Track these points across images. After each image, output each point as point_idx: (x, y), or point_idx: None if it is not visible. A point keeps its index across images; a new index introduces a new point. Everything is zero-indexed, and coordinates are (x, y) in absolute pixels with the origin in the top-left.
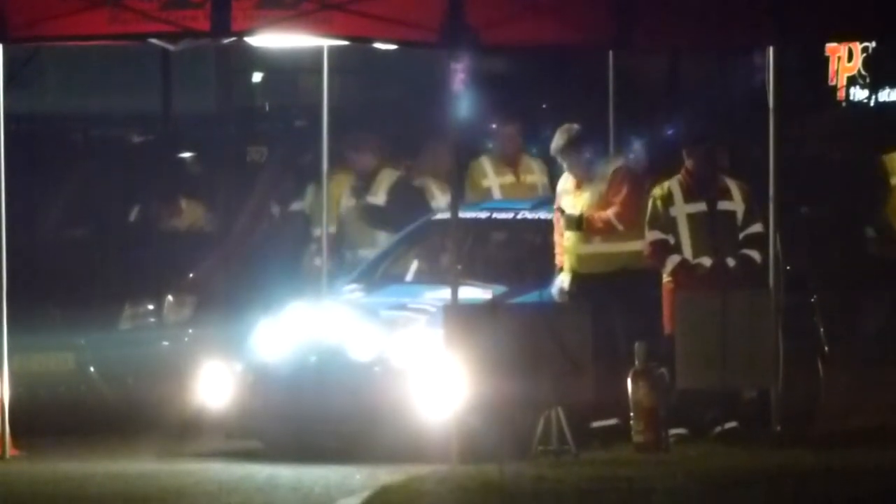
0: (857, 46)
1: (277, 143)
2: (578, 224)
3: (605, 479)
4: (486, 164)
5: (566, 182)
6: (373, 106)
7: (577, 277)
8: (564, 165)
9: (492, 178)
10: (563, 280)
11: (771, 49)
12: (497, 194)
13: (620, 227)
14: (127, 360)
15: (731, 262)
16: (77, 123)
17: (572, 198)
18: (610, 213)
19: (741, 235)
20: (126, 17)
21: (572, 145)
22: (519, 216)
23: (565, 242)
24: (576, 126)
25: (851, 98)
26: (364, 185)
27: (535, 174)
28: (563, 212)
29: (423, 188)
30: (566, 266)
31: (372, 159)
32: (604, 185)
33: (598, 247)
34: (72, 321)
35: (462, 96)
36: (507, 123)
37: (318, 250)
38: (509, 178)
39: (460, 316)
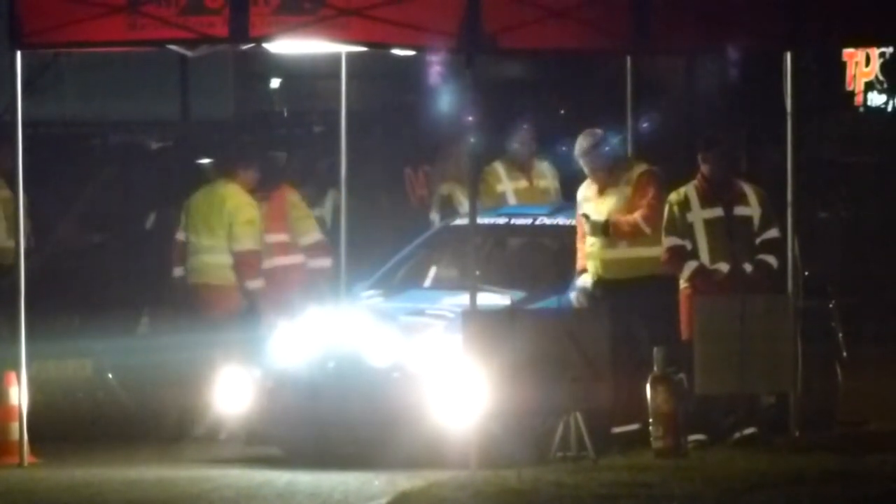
0: (875, 52)
1: (296, 149)
2: (605, 229)
3: (624, 485)
4: (499, 168)
5: (588, 189)
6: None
7: (601, 283)
8: (587, 170)
9: (506, 183)
10: (584, 280)
11: (788, 54)
12: (511, 199)
13: (647, 230)
14: (144, 367)
15: (748, 267)
16: (95, 129)
17: (594, 204)
18: (637, 215)
19: (758, 240)
20: (144, 23)
21: (596, 149)
22: (537, 222)
23: (589, 248)
24: (600, 131)
25: (869, 103)
26: None
27: (547, 179)
28: (587, 217)
29: (451, 195)
30: (590, 271)
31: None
32: (628, 189)
33: (624, 252)
34: (89, 328)
35: (440, 90)
36: (521, 128)
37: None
38: (523, 183)
39: (479, 321)
